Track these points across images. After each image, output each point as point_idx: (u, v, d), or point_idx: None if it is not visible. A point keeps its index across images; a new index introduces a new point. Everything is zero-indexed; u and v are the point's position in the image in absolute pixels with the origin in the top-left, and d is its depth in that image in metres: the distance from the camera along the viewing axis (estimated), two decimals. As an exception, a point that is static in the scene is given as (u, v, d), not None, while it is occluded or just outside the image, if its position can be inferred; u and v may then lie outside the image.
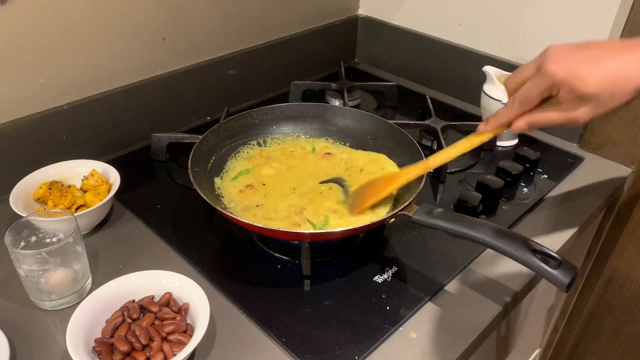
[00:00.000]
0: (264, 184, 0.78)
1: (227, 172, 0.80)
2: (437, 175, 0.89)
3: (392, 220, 0.67)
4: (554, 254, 0.56)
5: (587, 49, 0.51)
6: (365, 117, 0.86)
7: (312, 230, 0.68)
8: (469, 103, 1.14)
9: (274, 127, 0.88)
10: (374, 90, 1.17)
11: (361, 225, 0.64)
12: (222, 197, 0.76)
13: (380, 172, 0.79)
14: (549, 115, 0.55)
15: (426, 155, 0.72)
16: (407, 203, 0.66)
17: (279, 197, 0.76)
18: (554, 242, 0.78)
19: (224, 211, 0.66)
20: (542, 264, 0.55)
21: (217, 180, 0.78)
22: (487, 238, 0.59)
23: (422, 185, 0.69)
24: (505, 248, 0.58)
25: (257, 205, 0.74)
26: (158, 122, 0.99)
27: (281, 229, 0.65)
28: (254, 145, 0.86)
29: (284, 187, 0.78)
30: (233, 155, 0.83)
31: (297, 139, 0.88)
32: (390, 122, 0.83)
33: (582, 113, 0.52)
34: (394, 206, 0.72)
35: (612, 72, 0.50)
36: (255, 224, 0.63)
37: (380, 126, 0.84)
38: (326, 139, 0.88)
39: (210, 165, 0.78)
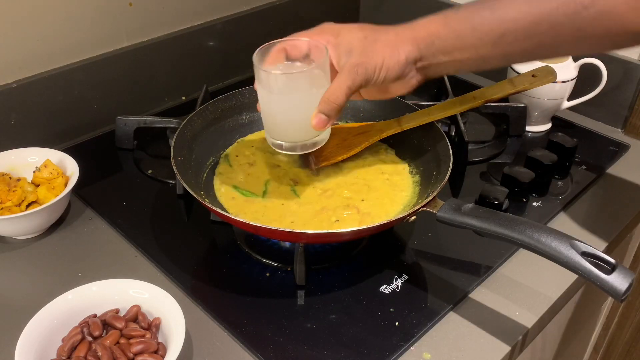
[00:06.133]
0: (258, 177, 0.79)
1: (216, 161, 0.81)
2: (455, 167, 0.89)
3: (413, 218, 0.67)
4: (607, 257, 0.57)
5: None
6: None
7: (316, 231, 0.68)
8: (493, 80, 1.13)
9: None
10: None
11: (375, 224, 0.64)
12: (211, 191, 0.76)
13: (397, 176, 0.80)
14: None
15: (452, 144, 0.76)
16: (430, 197, 0.66)
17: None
18: (594, 245, 0.77)
19: (215, 208, 0.66)
20: (593, 269, 0.56)
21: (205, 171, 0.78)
22: (527, 239, 0.59)
23: (447, 176, 0.69)
24: (548, 250, 0.58)
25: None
26: (124, 104, 0.99)
27: (282, 228, 0.65)
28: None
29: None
30: (222, 142, 0.83)
31: None
32: (411, 103, 0.83)
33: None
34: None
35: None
36: (251, 223, 0.63)
37: (397, 107, 0.83)
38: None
39: (194, 154, 0.78)
